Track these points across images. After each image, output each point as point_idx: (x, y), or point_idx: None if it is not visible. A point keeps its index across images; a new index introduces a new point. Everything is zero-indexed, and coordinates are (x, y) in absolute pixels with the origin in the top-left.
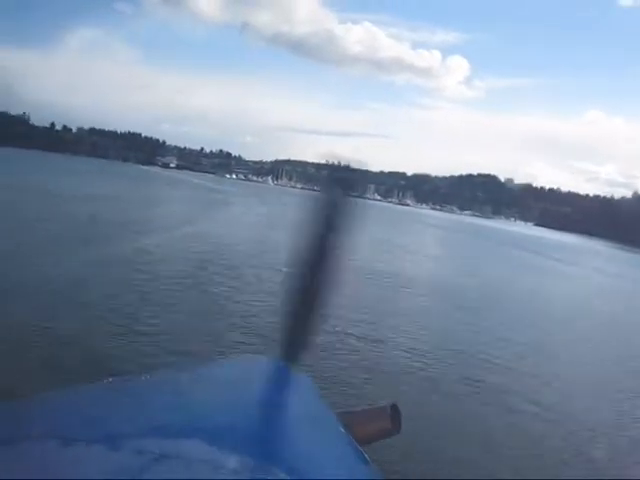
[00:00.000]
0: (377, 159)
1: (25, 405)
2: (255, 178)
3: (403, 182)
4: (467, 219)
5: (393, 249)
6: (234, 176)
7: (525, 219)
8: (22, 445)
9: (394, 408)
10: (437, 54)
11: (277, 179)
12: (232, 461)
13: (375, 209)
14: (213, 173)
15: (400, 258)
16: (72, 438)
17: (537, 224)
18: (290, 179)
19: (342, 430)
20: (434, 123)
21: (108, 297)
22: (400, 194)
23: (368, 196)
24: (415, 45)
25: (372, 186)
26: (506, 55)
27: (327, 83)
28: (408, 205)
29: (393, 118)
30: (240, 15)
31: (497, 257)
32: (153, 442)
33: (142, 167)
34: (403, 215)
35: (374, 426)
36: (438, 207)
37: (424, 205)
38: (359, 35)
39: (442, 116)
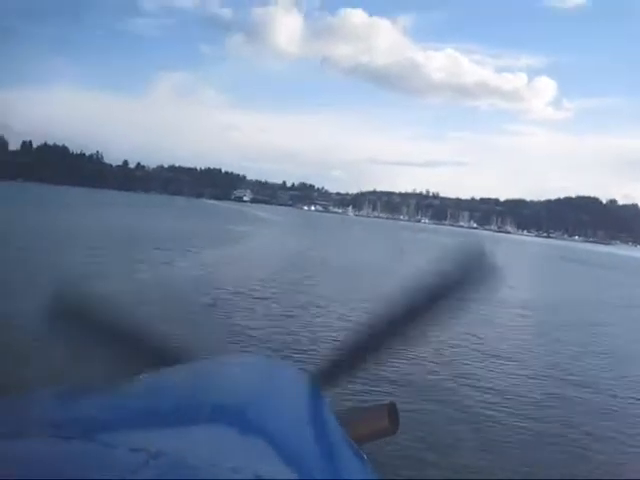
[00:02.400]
0: (465, 187)
1: (21, 401)
2: (335, 209)
3: (499, 208)
4: (585, 246)
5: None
6: (312, 208)
7: None
8: (19, 441)
9: (392, 407)
10: (523, 76)
11: (358, 209)
12: (228, 459)
13: (476, 239)
14: (291, 205)
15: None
16: (71, 436)
17: None
18: (374, 209)
19: (340, 428)
20: (522, 147)
21: None
22: (498, 220)
23: (462, 224)
24: (499, 70)
25: (466, 213)
26: (595, 75)
27: (410, 113)
28: (509, 232)
29: (478, 145)
30: (320, 49)
31: None
32: (150, 441)
33: (209, 201)
34: (513, 246)
35: (372, 425)
36: (544, 234)
37: (525, 232)
38: (441, 62)
39: (530, 139)
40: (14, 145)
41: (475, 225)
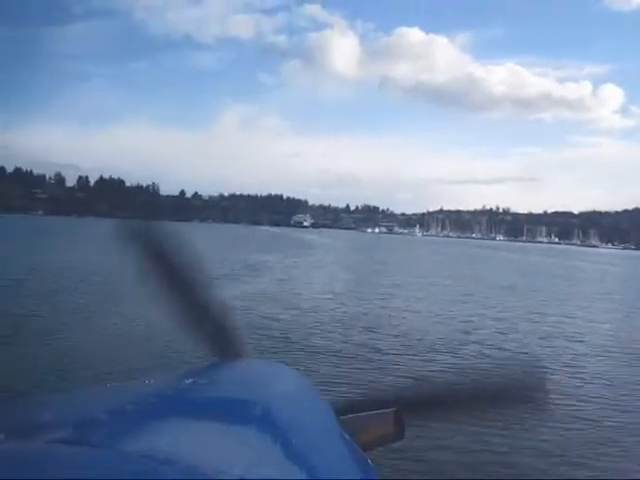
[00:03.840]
0: (533, 201)
1: (22, 406)
2: (400, 230)
3: (575, 220)
4: None
5: None
6: (376, 230)
7: None
8: (20, 445)
9: (397, 413)
10: (587, 85)
11: (426, 229)
12: (232, 465)
13: (570, 257)
14: (354, 229)
15: None
16: (70, 442)
17: None
18: (442, 228)
19: (345, 435)
20: (590, 157)
21: None
22: (579, 234)
23: (541, 239)
24: (562, 80)
25: (543, 228)
26: None
27: (473, 130)
28: (594, 246)
29: (545, 158)
30: (378, 70)
31: None
32: (151, 445)
33: (263, 228)
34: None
35: (377, 431)
36: (632, 246)
37: (609, 244)
38: (501, 76)
39: (598, 149)
40: (71, 181)
41: (557, 240)
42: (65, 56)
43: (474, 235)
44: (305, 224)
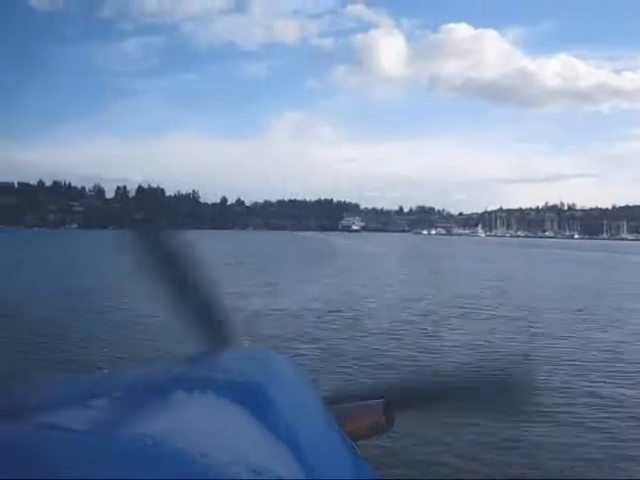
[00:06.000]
0: (599, 197)
1: (16, 390)
2: (460, 230)
3: None
4: None
5: None
6: (433, 231)
7: None
8: (13, 432)
9: (387, 404)
10: None
11: (490, 228)
12: (222, 455)
13: None
14: (408, 231)
15: None
16: (57, 428)
17: None
18: (508, 227)
19: (335, 424)
20: None
21: None
22: None
23: (624, 236)
24: (618, 71)
25: (624, 224)
26: None
27: (527, 126)
28: None
29: (604, 152)
30: (427, 69)
31: None
32: (137, 433)
33: (305, 234)
34: None
35: (366, 421)
36: None
37: None
38: (555, 68)
39: None
40: (112, 194)
41: None
42: (116, 73)
43: (547, 234)
44: (354, 227)
